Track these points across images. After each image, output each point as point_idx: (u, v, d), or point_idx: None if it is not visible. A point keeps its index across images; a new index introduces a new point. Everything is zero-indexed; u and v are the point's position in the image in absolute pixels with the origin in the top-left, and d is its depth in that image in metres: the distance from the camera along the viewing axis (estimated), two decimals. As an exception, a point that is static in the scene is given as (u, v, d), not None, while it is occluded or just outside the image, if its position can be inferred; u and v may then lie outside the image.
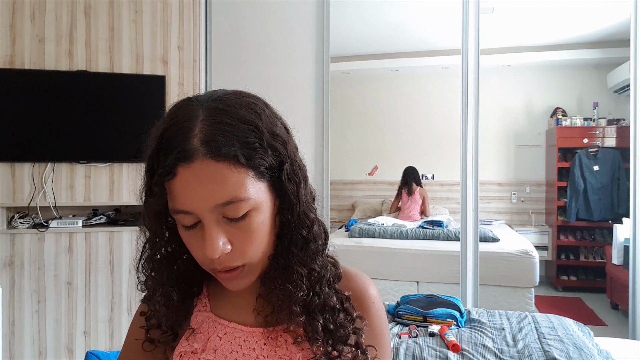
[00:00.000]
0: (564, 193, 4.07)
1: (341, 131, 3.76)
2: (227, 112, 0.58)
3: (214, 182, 0.56)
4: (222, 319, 0.69)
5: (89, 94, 2.61)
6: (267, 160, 0.59)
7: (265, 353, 0.65)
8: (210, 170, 0.55)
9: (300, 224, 0.64)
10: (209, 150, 0.55)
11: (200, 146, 0.55)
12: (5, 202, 2.52)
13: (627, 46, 2.74)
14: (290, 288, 0.62)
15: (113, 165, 2.64)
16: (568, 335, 1.87)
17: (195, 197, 0.56)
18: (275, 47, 2.99)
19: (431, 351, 1.76)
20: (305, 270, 0.64)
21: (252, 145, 0.57)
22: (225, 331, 0.68)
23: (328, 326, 0.64)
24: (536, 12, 3.60)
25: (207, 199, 0.56)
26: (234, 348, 0.66)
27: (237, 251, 0.59)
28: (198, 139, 0.56)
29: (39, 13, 2.55)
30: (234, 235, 0.58)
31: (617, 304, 3.50)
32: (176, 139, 0.56)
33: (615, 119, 3.98)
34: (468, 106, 2.83)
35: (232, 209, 0.57)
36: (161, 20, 2.71)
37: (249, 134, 0.58)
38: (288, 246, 0.64)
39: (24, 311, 2.51)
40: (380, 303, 0.74)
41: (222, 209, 0.57)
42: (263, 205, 0.60)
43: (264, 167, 0.59)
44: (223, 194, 0.56)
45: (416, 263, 3.47)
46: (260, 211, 0.59)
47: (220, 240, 0.57)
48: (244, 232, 0.59)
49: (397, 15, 3.65)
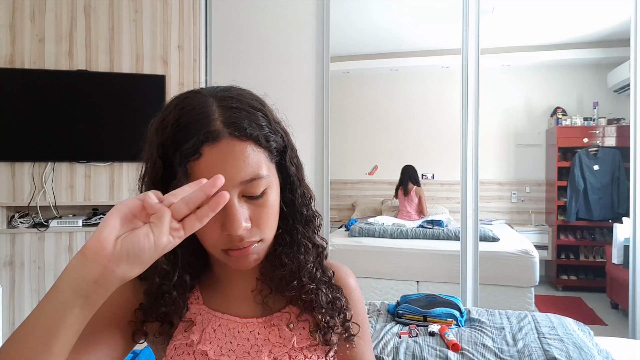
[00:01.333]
0: (564, 193, 4.07)
1: (341, 131, 3.76)
2: (238, 100, 0.63)
3: (239, 160, 0.59)
4: (216, 311, 0.70)
5: (89, 94, 2.61)
6: (277, 143, 0.64)
7: (259, 342, 0.68)
8: (235, 149, 0.59)
9: (303, 203, 0.70)
10: (235, 131, 0.60)
11: (224, 127, 0.59)
12: (5, 202, 2.52)
13: (627, 46, 2.74)
14: (301, 258, 0.68)
15: (113, 164, 2.64)
16: (568, 334, 1.87)
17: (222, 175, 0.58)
18: (275, 47, 2.99)
19: (431, 351, 1.76)
20: (309, 244, 0.70)
21: (264, 129, 0.63)
22: (219, 323, 0.69)
23: (328, 297, 0.70)
24: (536, 12, 3.60)
25: (233, 176, 0.59)
26: (229, 339, 0.68)
27: (255, 228, 0.62)
28: (220, 122, 0.60)
29: (39, 13, 2.55)
30: (253, 212, 0.62)
31: (617, 303, 3.50)
32: (196, 123, 0.59)
33: (615, 118, 3.98)
34: (468, 106, 2.83)
35: (253, 186, 0.60)
36: (161, 20, 2.71)
37: (261, 119, 0.63)
38: (292, 224, 0.69)
39: (24, 311, 2.51)
40: (359, 291, 0.79)
41: (245, 186, 0.60)
42: (274, 184, 0.64)
43: (274, 149, 0.64)
44: (247, 172, 0.60)
45: (416, 263, 3.47)
46: (274, 189, 0.64)
47: (243, 215, 0.60)
48: (261, 208, 0.62)
49: (397, 15, 3.65)
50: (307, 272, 0.69)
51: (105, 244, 0.46)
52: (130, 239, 0.47)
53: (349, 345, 0.72)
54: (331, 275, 0.74)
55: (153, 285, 0.67)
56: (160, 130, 0.62)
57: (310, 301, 0.69)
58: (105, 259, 0.46)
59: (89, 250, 0.46)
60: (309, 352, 0.68)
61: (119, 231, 0.47)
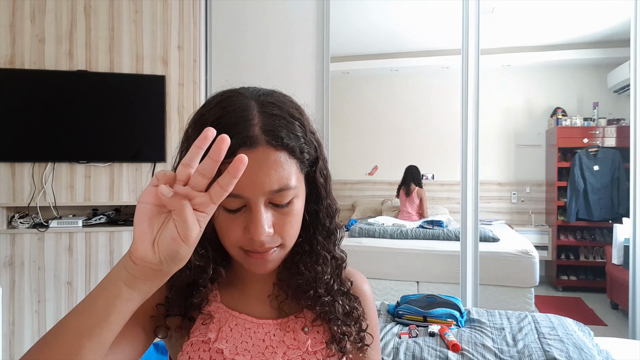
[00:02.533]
0: (564, 193, 4.07)
1: (341, 131, 3.76)
2: (279, 107, 0.64)
3: (272, 169, 0.60)
4: (233, 310, 0.71)
5: (89, 94, 2.61)
6: (310, 155, 0.65)
7: (274, 344, 0.68)
8: (270, 157, 0.60)
9: (327, 215, 0.70)
10: (272, 139, 0.60)
11: (262, 134, 0.60)
12: (5, 202, 2.52)
13: (627, 46, 2.73)
14: (318, 269, 0.69)
15: (113, 165, 2.64)
16: (568, 335, 1.87)
17: (252, 182, 0.59)
18: (275, 47, 2.99)
19: (431, 351, 1.76)
20: (328, 256, 0.70)
21: (300, 139, 0.63)
22: (236, 322, 0.70)
23: (345, 308, 0.70)
24: (536, 12, 3.60)
25: (264, 184, 0.60)
26: (244, 339, 0.68)
27: (277, 235, 0.63)
28: (259, 128, 0.60)
29: (39, 13, 2.55)
30: (277, 220, 0.62)
31: (617, 304, 3.50)
32: (237, 126, 0.60)
33: (615, 119, 3.98)
34: (468, 106, 2.83)
35: (281, 195, 0.61)
36: (161, 20, 2.71)
37: (298, 129, 0.64)
38: (313, 234, 0.70)
39: (24, 311, 2.51)
40: (372, 299, 0.80)
41: (273, 195, 0.60)
42: (301, 194, 0.65)
43: (307, 160, 0.65)
44: (277, 181, 0.60)
45: (416, 263, 3.47)
46: (300, 199, 0.65)
47: (268, 221, 0.61)
48: (286, 217, 0.63)
49: (397, 15, 3.65)
50: (323, 283, 0.69)
51: (146, 254, 0.47)
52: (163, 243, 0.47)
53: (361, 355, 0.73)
54: (349, 286, 0.74)
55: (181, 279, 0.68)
56: (199, 125, 0.62)
57: (326, 312, 0.69)
58: (153, 265, 0.48)
59: (136, 259, 0.48)
60: (322, 355, 0.69)
61: (152, 234, 0.48)
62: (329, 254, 0.71)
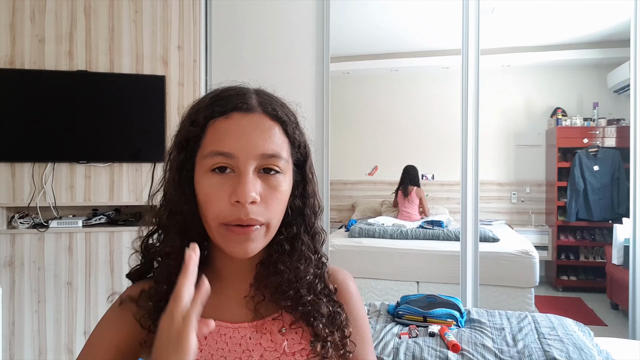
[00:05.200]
0: (564, 193, 4.07)
1: (341, 131, 3.76)
2: (274, 97, 0.69)
3: (266, 134, 0.63)
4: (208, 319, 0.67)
5: (89, 94, 2.61)
6: (300, 143, 0.68)
7: (250, 347, 0.67)
8: (265, 123, 0.63)
9: (312, 213, 0.71)
10: (267, 110, 0.64)
11: (259, 105, 0.64)
12: (5, 202, 2.52)
13: (627, 46, 2.74)
14: (300, 268, 0.67)
15: (113, 165, 2.64)
16: (568, 335, 1.87)
17: (247, 142, 0.61)
18: (275, 47, 2.99)
19: (431, 351, 1.76)
20: (312, 256, 0.69)
21: (293, 124, 0.67)
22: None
23: (329, 309, 0.69)
24: (536, 12, 3.60)
25: (258, 146, 0.61)
26: (220, 345, 0.67)
27: (262, 205, 0.62)
28: (256, 101, 0.65)
29: (39, 13, 2.55)
30: (264, 189, 0.62)
31: (617, 304, 3.50)
32: (235, 97, 0.64)
33: (615, 119, 3.98)
34: (468, 106, 2.83)
35: (272, 161, 0.63)
36: (161, 20, 2.71)
37: (291, 116, 0.68)
38: (297, 233, 0.69)
39: (24, 311, 2.51)
40: (359, 296, 0.78)
41: (264, 160, 0.62)
42: (288, 179, 0.66)
43: (297, 146, 0.67)
44: (271, 147, 0.62)
45: (416, 263, 3.47)
46: (286, 181, 0.65)
47: (255, 186, 0.61)
48: (272, 189, 0.63)
49: (397, 15, 3.65)
50: (305, 283, 0.68)
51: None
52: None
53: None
54: (333, 290, 0.72)
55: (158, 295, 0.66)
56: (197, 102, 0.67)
57: (309, 312, 0.67)
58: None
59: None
60: (301, 357, 0.67)
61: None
62: (313, 254, 0.70)
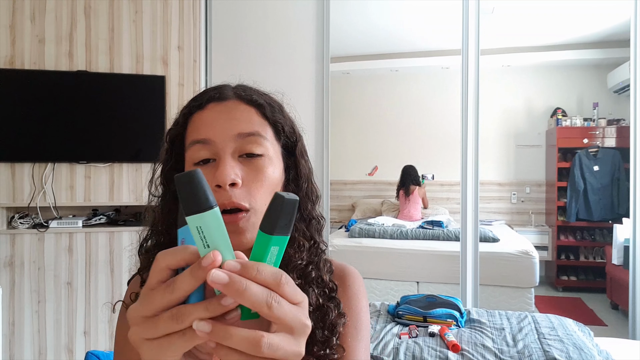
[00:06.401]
0: (564, 193, 4.07)
1: (341, 131, 3.76)
2: (253, 87, 0.70)
3: (241, 116, 0.63)
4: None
5: (89, 94, 2.61)
6: (285, 126, 0.67)
7: None
8: (240, 108, 0.64)
9: (307, 198, 0.69)
10: (241, 96, 0.65)
11: (233, 94, 0.66)
12: (5, 202, 2.52)
13: (627, 46, 2.74)
14: (290, 252, 0.64)
15: (113, 165, 2.64)
16: (568, 335, 1.87)
17: (221, 125, 0.62)
18: (275, 47, 2.99)
19: (431, 351, 1.76)
20: (306, 243, 0.66)
21: (274, 108, 0.67)
22: None
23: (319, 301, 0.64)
24: (536, 13, 3.60)
25: (233, 127, 0.62)
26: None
27: (245, 189, 0.60)
28: (232, 91, 0.66)
29: (39, 13, 2.55)
30: (246, 173, 0.61)
31: (617, 304, 3.50)
32: (210, 90, 0.67)
33: (615, 119, 3.98)
34: (468, 106, 2.83)
35: (250, 141, 0.62)
36: (161, 20, 2.71)
37: (274, 102, 0.68)
38: None
39: (24, 311, 2.51)
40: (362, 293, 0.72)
41: (243, 140, 0.62)
42: (275, 161, 0.65)
43: (282, 129, 0.66)
44: (247, 126, 0.63)
45: (416, 263, 3.47)
46: (272, 164, 0.64)
47: (234, 168, 0.60)
48: (255, 172, 0.62)
49: (397, 15, 3.65)
50: (297, 270, 0.63)
51: None
52: None
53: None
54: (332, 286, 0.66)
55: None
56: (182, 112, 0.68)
57: None
58: None
59: None
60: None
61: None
62: (308, 241, 0.66)
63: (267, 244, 0.38)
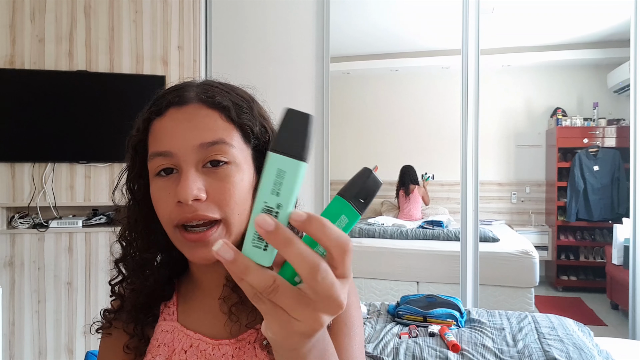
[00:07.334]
0: (564, 193, 4.07)
1: (341, 131, 3.76)
2: (223, 85, 0.64)
3: (203, 123, 0.58)
4: (188, 330, 0.65)
5: (89, 94, 2.61)
6: (254, 127, 0.62)
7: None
8: (201, 113, 0.59)
9: None
10: (203, 99, 0.59)
11: (195, 96, 0.60)
12: (5, 202, 2.52)
13: (627, 46, 2.74)
14: None
15: (113, 165, 2.64)
16: (568, 335, 1.87)
17: (182, 135, 0.57)
18: (275, 47, 2.99)
19: (431, 351, 1.76)
20: None
21: (242, 108, 0.61)
22: (190, 343, 0.64)
23: None
24: (536, 12, 3.60)
25: (194, 137, 0.57)
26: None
27: (212, 201, 0.57)
28: (194, 93, 0.60)
29: (39, 13, 2.55)
30: (211, 185, 0.57)
31: (617, 304, 3.50)
32: (170, 93, 0.61)
33: (615, 119, 3.98)
34: (468, 106, 2.83)
35: (214, 150, 0.57)
36: (161, 20, 2.71)
37: (241, 101, 0.62)
38: None
39: (24, 311, 2.51)
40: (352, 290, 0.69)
41: (206, 150, 0.57)
42: (244, 167, 0.60)
43: (250, 131, 0.61)
44: (210, 135, 0.57)
45: (416, 263, 3.47)
46: (241, 171, 0.60)
47: (196, 182, 0.56)
48: (221, 182, 0.57)
49: (397, 15, 3.65)
50: None
51: None
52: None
53: None
54: None
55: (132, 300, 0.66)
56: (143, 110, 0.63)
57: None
58: None
59: None
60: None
61: None
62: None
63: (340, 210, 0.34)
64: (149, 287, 0.66)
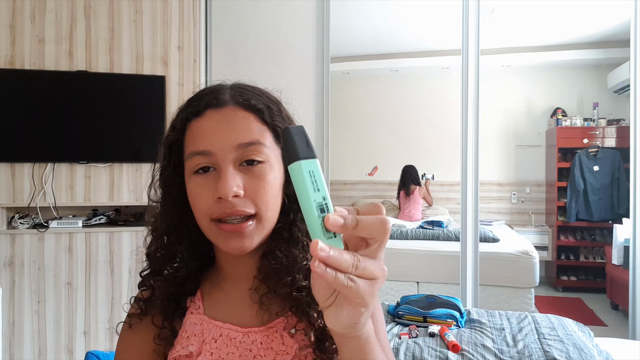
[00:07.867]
0: (564, 193, 4.07)
1: (341, 131, 3.75)
2: (253, 88, 0.69)
3: (240, 124, 0.63)
4: (217, 321, 0.68)
5: (89, 94, 2.61)
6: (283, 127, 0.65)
7: (262, 352, 0.65)
8: (238, 115, 0.63)
9: None
10: (239, 102, 0.64)
11: (231, 98, 0.64)
12: (5, 202, 2.52)
13: (627, 46, 2.73)
14: (295, 253, 0.65)
15: (113, 165, 2.64)
16: (568, 335, 1.87)
17: (221, 136, 0.62)
18: (275, 47, 2.99)
19: (431, 351, 1.76)
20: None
21: (273, 110, 0.66)
22: (220, 333, 0.67)
23: None
24: (536, 13, 3.60)
25: (232, 137, 0.61)
26: (230, 350, 0.66)
27: (249, 198, 0.61)
28: (229, 95, 0.65)
29: (39, 13, 2.55)
30: (248, 182, 0.62)
31: (617, 304, 3.50)
32: (208, 95, 0.65)
33: (615, 119, 3.98)
34: (468, 106, 2.83)
35: (250, 150, 0.62)
36: (161, 20, 2.71)
37: (272, 104, 0.67)
38: (293, 220, 0.67)
39: (24, 311, 2.51)
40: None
41: (243, 150, 0.61)
42: (276, 166, 0.65)
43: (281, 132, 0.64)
44: (247, 135, 0.62)
45: (416, 263, 3.47)
46: (274, 169, 0.64)
47: (235, 180, 0.60)
48: (257, 179, 0.62)
49: (397, 15, 3.65)
50: (302, 270, 0.65)
51: None
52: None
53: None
54: None
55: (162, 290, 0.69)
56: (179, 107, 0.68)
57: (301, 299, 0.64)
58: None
59: None
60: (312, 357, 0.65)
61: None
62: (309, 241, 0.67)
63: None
64: (180, 277, 0.69)
